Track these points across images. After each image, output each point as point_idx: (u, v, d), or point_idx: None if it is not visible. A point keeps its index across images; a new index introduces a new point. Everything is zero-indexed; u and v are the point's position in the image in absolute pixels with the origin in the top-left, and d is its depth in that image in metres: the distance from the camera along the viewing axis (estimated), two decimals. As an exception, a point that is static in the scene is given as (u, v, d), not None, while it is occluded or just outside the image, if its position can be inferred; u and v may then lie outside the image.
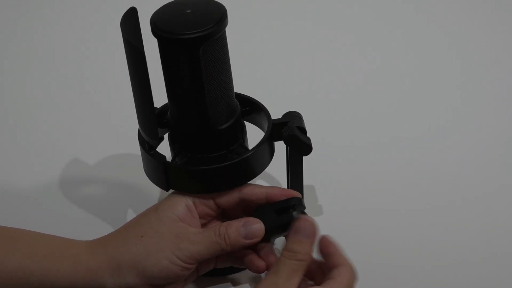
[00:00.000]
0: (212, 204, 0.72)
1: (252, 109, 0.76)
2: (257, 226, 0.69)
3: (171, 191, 0.73)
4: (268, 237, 0.71)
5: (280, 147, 0.75)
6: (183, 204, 0.70)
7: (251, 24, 1.15)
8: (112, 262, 0.68)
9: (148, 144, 0.72)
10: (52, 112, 1.02)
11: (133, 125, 0.74)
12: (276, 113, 0.75)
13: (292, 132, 0.72)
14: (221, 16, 0.66)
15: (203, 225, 0.72)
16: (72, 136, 0.97)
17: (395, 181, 0.88)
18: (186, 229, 0.69)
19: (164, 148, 0.73)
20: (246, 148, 0.74)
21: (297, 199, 0.71)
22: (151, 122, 0.69)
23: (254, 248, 0.71)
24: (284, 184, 0.81)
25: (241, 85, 0.75)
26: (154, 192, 0.86)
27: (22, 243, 0.69)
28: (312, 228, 0.67)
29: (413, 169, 0.89)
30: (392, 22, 1.16)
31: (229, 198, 0.71)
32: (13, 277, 0.67)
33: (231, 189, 0.73)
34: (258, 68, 1.07)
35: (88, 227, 0.84)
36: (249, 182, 0.73)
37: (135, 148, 0.75)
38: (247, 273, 0.77)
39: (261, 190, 0.71)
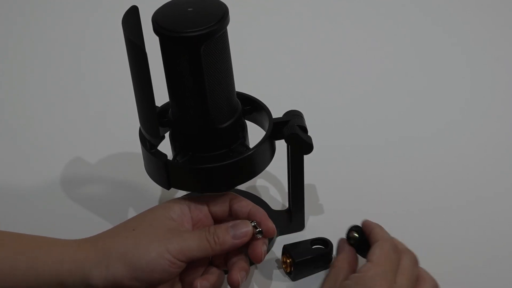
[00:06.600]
0: (206, 211, 0.72)
1: (253, 108, 0.76)
2: (243, 223, 0.70)
3: (172, 190, 0.73)
4: (302, 272, 0.75)
5: (281, 146, 0.75)
6: (178, 208, 0.70)
7: (253, 23, 1.15)
8: (100, 252, 0.67)
9: (149, 142, 0.72)
10: (52, 112, 1.02)
11: (134, 124, 0.74)
12: (277, 112, 0.75)
13: (293, 131, 0.72)
14: (222, 14, 0.66)
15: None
16: (72, 136, 0.97)
17: (397, 180, 0.88)
18: (178, 227, 0.69)
19: (165, 147, 0.73)
20: (247, 147, 0.74)
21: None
22: (152, 120, 0.69)
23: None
24: (285, 183, 0.81)
25: (242, 84, 0.75)
26: (155, 191, 0.86)
27: (8, 239, 0.69)
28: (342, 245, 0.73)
29: (415, 169, 0.89)
30: (396, 21, 1.16)
31: (221, 206, 0.72)
32: None
33: (232, 188, 0.73)
34: (259, 67, 1.07)
35: (88, 227, 0.83)
36: (248, 182, 0.73)
37: (136, 147, 0.75)
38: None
39: (247, 205, 0.71)
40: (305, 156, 0.75)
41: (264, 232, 0.70)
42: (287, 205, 0.82)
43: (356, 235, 0.72)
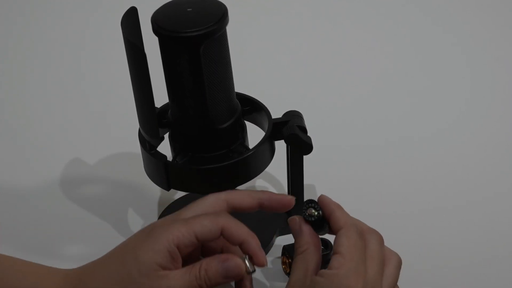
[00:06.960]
0: (195, 242, 0.65)
1: (252, 108, 0.76)
2: (235, 263, 0.65)
3: (174, 190, 0.72)
4: None
5: (280, 146, 0.75)
6: (166, 251, 0.64)
7: (253, 23, 1.15)
8: None
9: (149, 143, 0.72)
10: (52, 112, 1.02)
11: (134, 124, 0.74)
12: (276, 113, 0.75)
13: (292, 131, 0.72)
14: (222, 14, 0.66)
15: (185, 256, 0.67)
16: (72, 136, 0.97)
17: (397, 180, 0.88)
18: (167, 278, 0.64)
19: (165, 148, 0.73)
20: (247, 148, 0.74)
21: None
22: (152, 121, 0.69)
23: None
24: (284, 183, 0.81)
25: (242, 84, 0.75)
26: (155, 191, 0.86)
27: None
28: (299, 226, 0.66)
29: (415, 169, 0.89)
30: (396, 21, 1.16)
31: (212, 234, 0.65)
32: None
33: (231, 188, 0.73)
34: (259, 67, 1.07)
35: (88, 227, 0.84)
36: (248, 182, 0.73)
37: (136, 147, 0.75)
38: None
39: (240, 236, 0.65)
40: (305, 157, 0.75)
41: (255, 265, 0.66)
42: (287, 205, 0.82)
43: (315, 212, 0.67)
